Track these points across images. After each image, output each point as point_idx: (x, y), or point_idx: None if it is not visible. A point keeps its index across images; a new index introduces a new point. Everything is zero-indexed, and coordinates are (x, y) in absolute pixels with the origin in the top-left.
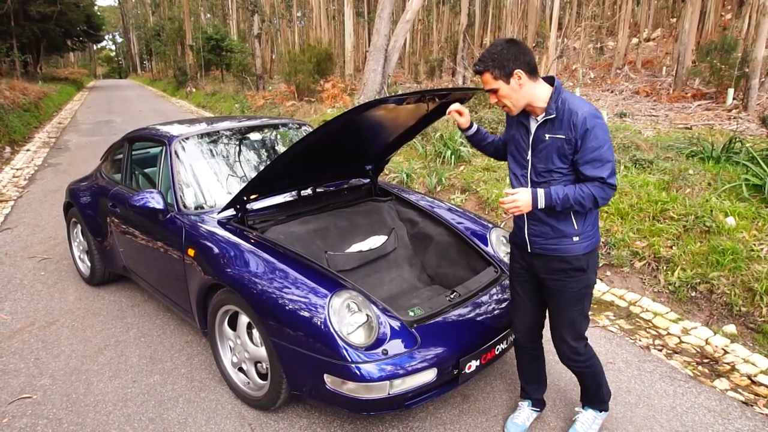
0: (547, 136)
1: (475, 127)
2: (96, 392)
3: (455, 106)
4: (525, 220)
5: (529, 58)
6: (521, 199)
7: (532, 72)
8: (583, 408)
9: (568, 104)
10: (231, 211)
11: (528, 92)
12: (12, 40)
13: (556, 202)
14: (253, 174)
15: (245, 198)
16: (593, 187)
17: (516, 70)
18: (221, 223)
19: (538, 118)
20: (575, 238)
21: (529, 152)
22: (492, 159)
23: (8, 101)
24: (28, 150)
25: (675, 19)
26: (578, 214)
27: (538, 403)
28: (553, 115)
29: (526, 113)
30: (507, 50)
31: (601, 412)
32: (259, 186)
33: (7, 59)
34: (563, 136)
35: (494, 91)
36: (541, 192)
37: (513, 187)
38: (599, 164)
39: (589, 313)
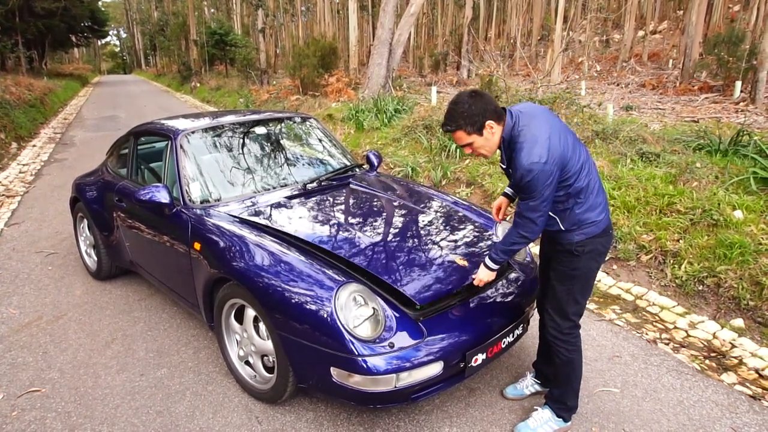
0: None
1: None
2: (104, 385)
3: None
4: None
5: (494, 106)
6: (482, 276)
7: (499, 117)
8: (542, 406)
9: (517, 149)
10: (237, 205)
11: (499, 136)
12: (17, 36)
13: (501, 258)
14: (258, 168)
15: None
16: (516, 222)
17: (487, 122)
18: (227, 217)
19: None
20: (564, 233)
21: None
22: (497, 154)
23: (14, 97)
24: (34, 146)
25: (682, 11)
26: (561, 213)
27: (541, 376)
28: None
29: None
30: (474, 105)
31: (558, 418)
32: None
33: (12, 55)
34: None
35: (469, 145)
36: (488, 260)
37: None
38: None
39: (594, 307)
